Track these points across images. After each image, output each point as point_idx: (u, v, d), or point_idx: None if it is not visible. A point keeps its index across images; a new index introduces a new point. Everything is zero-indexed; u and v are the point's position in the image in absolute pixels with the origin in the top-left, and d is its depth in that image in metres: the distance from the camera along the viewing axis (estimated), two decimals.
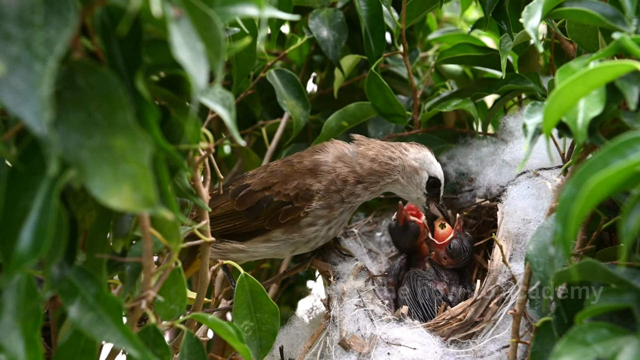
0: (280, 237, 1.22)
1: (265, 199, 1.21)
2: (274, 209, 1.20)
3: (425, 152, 1.24)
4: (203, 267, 0.97)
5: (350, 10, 1.46)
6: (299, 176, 1.20)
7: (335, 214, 1.21)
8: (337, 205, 1.20)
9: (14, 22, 0.60)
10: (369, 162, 1.20)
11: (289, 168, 1.23)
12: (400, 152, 1.22)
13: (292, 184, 1.19)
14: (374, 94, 1.37)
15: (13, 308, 0.68)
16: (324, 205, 1.20)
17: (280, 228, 1.21)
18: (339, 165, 1.21)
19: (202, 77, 0.64)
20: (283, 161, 1.27)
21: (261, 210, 1.21)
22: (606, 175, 0.68)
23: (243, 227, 1.22)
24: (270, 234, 1.22)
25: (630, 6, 0.87)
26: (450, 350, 1.10)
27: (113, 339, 0.71)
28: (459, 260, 1.25)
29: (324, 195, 1.19)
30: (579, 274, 0.80)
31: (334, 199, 1.20)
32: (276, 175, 1.23)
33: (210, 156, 0.90)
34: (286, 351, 1.22)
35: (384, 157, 1.21)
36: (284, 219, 1.19)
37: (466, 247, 1.25)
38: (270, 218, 1.20)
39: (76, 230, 0.72)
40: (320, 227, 1.21)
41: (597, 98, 0.81)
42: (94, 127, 0.64)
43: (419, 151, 1.24)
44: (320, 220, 1.21)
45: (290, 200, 1.19)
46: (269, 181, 1.22)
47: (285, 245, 1.23)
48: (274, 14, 0.73)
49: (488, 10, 1.21)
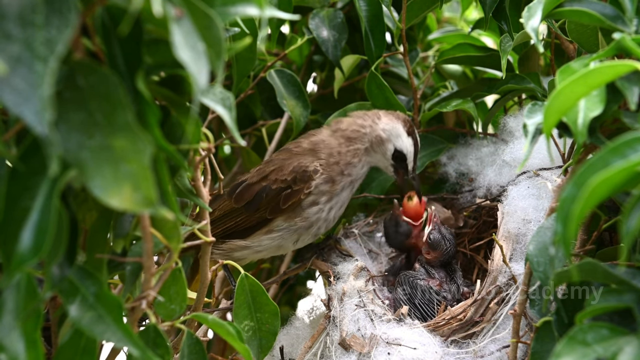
0: (282, 226, 1.22)
1: (263, 189, 1.21)
2: (274, 197, 1.20)
3: (396, 124, 1.25)
4: (203, 267, 0.97)
5: (350, 10, 1.46)
6: (296, 159, 1.22)
7: (337, 189, 1.22)
8: (338, 178, 1.22)
9: (14, 22, 0.60)
10: (343, 130, 1.25)
11: (286, 154, 1.24)
12: (372, 120, 1.25)
13: (288, 169, 1.21)
14: (374, 94, 1.37)
15: (13, 308, 0.68)
16: (327, 179, 1.21)
17: (282, 215, 1.21)
18: (332, 139, 1.24)
19: (202, 77, 0.64)
20: (277, 153, 1.28)
21: (261, 202, 1.21)
22: (606, 175, 0.68)
23: (245, 223, 1.22)
24: (272, 223, 1.22)
25: (630, 6, 0.87)
26: (451, 350, 1.10)
27: (113, 338, 0.71)
28: (442, 250, 1.25)
29: (325, 168, 1.21)
30: (579, 274, 0.80)
31: (335, 170, 1.21)
32: (273, 163, 1.24)
33: (211, 156, 0.91)
34: (286, 351, 1.22)
35: (356, 125, 1.25)
36: (285, 204, 1.20)
37: (446, 237, 1.26)
38: (272, 206, 1.21)
39: (77, 230, 0.72)
40: (323, 206, 1.22)
41: (598, 98, 0.81)
42: (95, 127, 0.64)
43: (390, 121, 1.25)
44: (322, 198, 1.21)
45: (289, 185, 1.20)
46: (265, 170, 1.23)
47: (289, 234, 1.23)
48: (274, 14, 0.73)
49: (488, 10, 1.21)
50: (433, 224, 1.27)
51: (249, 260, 1.30)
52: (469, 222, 1.39)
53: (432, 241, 1.25)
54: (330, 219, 1.25)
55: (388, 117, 1.25)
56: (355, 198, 1.44)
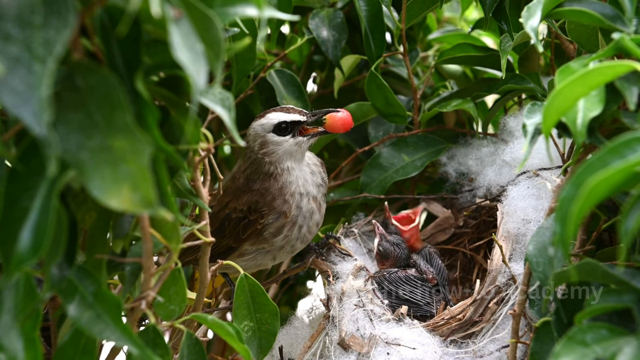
0: (251, 250, 1.23)
1: (225, 217, 1.21)
2: (235, 226, 1.21)
3: (253, 123, 1.19)
4: (202, 268, 0.97)
5: (350, 10, 1.46)
6: (244, 192, 1.21)
7: (293, 214, 1.19)
8: (286, 206, 1.18)
9: (13, 23, 0.60)
10: (243, 172, 1.22)
11: (232, 184, 1.24)
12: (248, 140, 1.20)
13: (242, 199, 1.20)
14: (374, 94, 1.37)
15: (12, 307, 0.68)
16: (275, 216, 1.19)
17: (246, 242, 1.21)
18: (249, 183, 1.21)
19: (201, 77, 0.65)
20: (232, 181, 1.27)
21: (225, 229, 1.21)
22: (605, 175, 0.68)
23: (216, 249, 1.21)
24: (240, 249, 1.23)
25: (630, 6, 0.87)
26: (450, 350, 1.10)
27: (112, 336, 0.71)
28: (394, 257, 1.27)
29: (265, 205, 1.18)
30: (578, 274, 0.80)
31: (276, 203, 1.18)
32: (229, 193, 1.23)
33: (210, 156, 0.90)
34: (286, 351, 1.22)
35: (246, 159, 1.21)
36: (244, 234, 1.20)
37: (395, 242, 1.27)
38: (235, 235, 1.21)
39: (76, 231, 0.72)
40: (288, 232, 1.21)
41: (597, 98, 0.81)
42: (94, 128, 0.64)
43: (251, 130, 1.20)
44: (284, 229, 1.20)
45: (245, 215, 1.19)
46: (224, 200, 1.23)
47: (261, 256, 1.23)
48: (274, 14, 0.73)
49: (488, 10, 1.21)
50: (379, 236, 1.29)
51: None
52: (468, 222, 1.39)
53: (382, 252, 1.28)
54: (304, 233, 1.23)
55: (255, 121, 1.20)
56: (355, 198, 1.44)
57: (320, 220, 1.25)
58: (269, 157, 1.19)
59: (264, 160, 1.19)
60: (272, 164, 1.19)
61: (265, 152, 1.19)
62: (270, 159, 1.19)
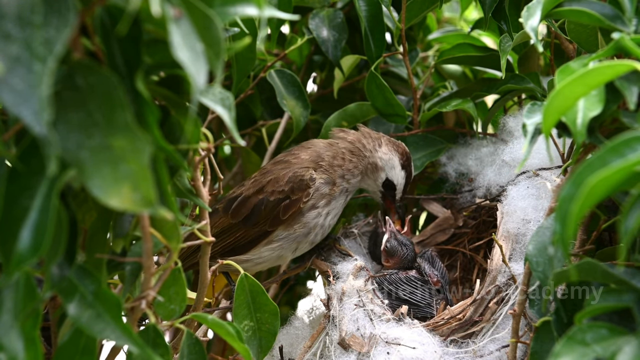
0: (282, 235, 1.22)
1: (260, 202, 1.21)
2: (272, 208, 1.20)
3: (393, 155, 1.28)
4: (202, 268, 0.97)
5: (350, 10, 1.46)
6: (292, 169, 1.22)
7: (336, 192, 1.23)
8: (339, 181, 1.23)
9: (13, 22, 0.60)
10: (349, 142, 1.27)
11: (283, 165, 1.24)
12: (373, 146, 1.27)
13: (284, 179, 1.20)
14: (374, 94, 1.37)
15: (12, 307, 0.68)
16: (327, 180, 1.22)
17: (282, 224, 1.21)
18: (334, 147, 1.27)
19: (201, 77, 0.65)
20: (272, 163, 1.28)
21: (259, 215, 1.20)
22: (605, 174, 0.68)
23: (244, 238, 1.22)
24: (272, 234, 1.22)
25: (629, 6, 0.87)
26: (450, 349, 1.10)
27: (112, 335, 0.71)
28: (400, 256, 1.27)
29: (327, 169, 1.22)
30: (578, 274, 0.80)
31: (337, 173, 1.23)
32: (269, 174, 1.23)
33: (210, 156, 0.91)
34: (286, 351, 1.22)
35: (360, 143, 1.27)
36: (285, 215, 1.20)
37: (403, 243, 1.28)
38: (272, 219, 1.20)
39: (76, 230, 0.72)
40: (321, 210, 1.22)
41: (597, 98, 0.81)
42: (94, 127, 0.64)
43: (389, 152, 1.28)
44: (321, 202, 1.22)
45: (287, 195, 1.20)
46: (261, 182, 1.23)
47: (288, 243, 1.23)
48: (274, 14, 0.73)
49: (488, 10, 1.21)
50: (389, 233, 1.29)
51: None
52: (468, 222, 1.39)
53: (389, 249, 1.28)
54: (326, 226, 1.25)
55: (388, 147, 1.28)
56: (355, 198, 1.44)
57: (333, 224, 1.29)
58: (363, 172, 1.27)
59: (360, 162, 1.26)
60: (357, 168, 1.26)
61: (366, 170, 1.27)
62: (359, 169, 1.27)
